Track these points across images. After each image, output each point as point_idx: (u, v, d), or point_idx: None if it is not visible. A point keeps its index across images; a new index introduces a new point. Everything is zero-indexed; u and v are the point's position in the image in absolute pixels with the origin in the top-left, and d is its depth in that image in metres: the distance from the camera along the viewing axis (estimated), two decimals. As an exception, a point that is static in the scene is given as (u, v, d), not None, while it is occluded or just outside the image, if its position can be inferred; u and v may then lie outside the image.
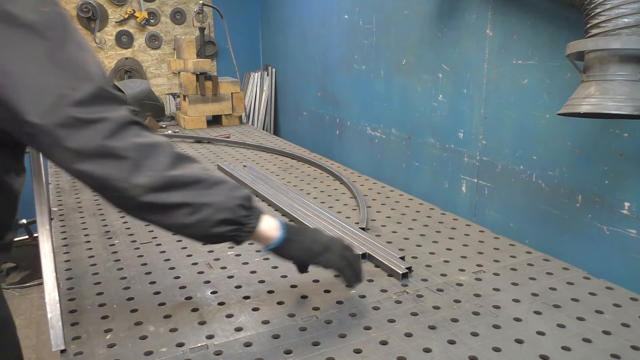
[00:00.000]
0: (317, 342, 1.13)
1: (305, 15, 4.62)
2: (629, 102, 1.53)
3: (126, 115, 0.92)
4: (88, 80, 0.89)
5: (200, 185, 0.99)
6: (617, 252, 2.00)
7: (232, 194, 1.04)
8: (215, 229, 1.02)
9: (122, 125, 0.90)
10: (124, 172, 0.90)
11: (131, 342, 1.14)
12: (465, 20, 2.67)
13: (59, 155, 0.89)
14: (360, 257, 1.41)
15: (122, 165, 0.90)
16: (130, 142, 0.91)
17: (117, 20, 5.22)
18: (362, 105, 3.82)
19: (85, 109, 0.87)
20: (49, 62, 0.87)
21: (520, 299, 1.32)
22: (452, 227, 1.84)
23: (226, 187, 1.04)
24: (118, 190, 0.91)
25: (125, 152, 0.90)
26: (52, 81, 0.86)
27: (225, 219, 1.02)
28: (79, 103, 0.86)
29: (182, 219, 0.98)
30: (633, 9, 1.55)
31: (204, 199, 0.99)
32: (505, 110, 2.49)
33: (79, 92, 0.87)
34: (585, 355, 1.08)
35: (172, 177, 0.95)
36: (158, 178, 0.93)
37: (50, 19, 0.88)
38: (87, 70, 0.90)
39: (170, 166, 0.95)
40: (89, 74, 0.90)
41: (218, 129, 3.98)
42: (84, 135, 0.87)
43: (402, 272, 1.43)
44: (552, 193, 2.27)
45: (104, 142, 0.88)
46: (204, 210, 0.99)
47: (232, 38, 4.80)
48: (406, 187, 3.12)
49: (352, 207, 2.07)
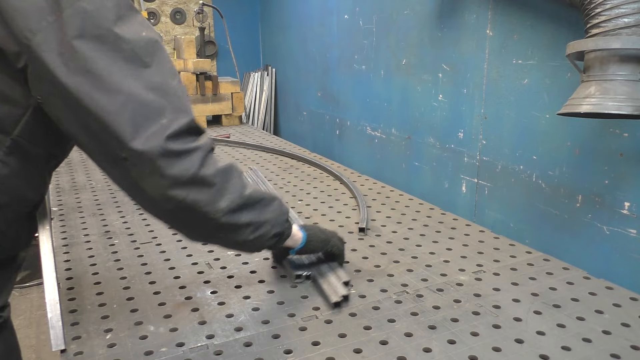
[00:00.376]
0: (317, 342, 1.13)
1: (305, 15, 4.62)
2: (629, 102, 1.54)
3: (210, 143, 0.99)
4: (184, 112, 0.93)
5: (261, 203, 1.10)
6: (617, 252, 2.00)
7: (281, 209, 1.18)
8: (269, 242, 1.18)
9: (208, 153, 0.97)
10: (211, 197, 0.98)
11: (131, 342, 1.14)
12: (465, 20, 2.67)
13: (153, 182, 0.92)
14: None
15: (210, 191, 0.98)
16: (215, 169, 0.98)
17: (117, 20, 5.22)
18: (362, 105, 3.82)
19: (182, 140, 0.92)
20: (150, 90, 0.89)
21: (520, 299, 1.32)
22: (452, 227, 1.84)
23: (277, 203, 1.17)
24: (203, 214, 0.99)
25: (213, 179, 0.97)
26: (154, 109, 0.89)
27: (278, 232, 1.18)
28: (178, 134, 0.91)
29: (246, 236, 1.09)
30: (633, 9, 1.55)
31: (265, 217, 1.12)
32: (505, 110, 2.49)
33: (178, 124, 0.91)
34: (585, 355, 1.08)
35: (245, 198, 1.05)
36: (235, 200, 1.03)
37: (150, 45, 0.91)
38: (182, 102, 0.94)
39: (242, 188, 1.05)
40: (185, 106, 0.94)
41: (218, 129, 3.98)
42: (183, 165, 0.92)
43: (335, 300, 1.28)
44: (552, 193, 2.27)
45: (198, 171, 0.94)
46: (264, 227, 1.12)
47: (232, 38, 4.80)
48: (406, 187, 3.12)
49: (352, 207, 2.07)
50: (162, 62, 0.92)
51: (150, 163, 0.89)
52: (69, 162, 2.89)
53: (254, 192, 1.08)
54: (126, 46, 0.87)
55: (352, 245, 1.68)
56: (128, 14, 0.89)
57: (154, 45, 0.91)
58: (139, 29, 0.90)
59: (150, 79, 0.89)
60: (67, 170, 2.69)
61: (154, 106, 0.89)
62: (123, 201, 2.14)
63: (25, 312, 3.45)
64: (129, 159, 0.89)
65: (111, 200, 2.16)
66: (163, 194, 0.94)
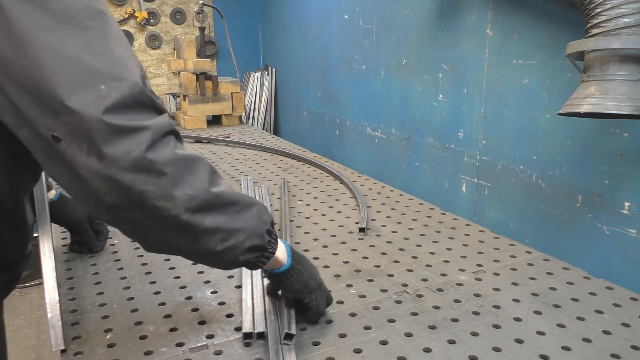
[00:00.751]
0: (317, 342, 1.13)
1: (305, 15, 4.62)
2: (629, 102, 1.54)
3: (166, 125, 0.81)
4: (129, 81, 0.78)
5: (235, 207, 0.91)
6: (617, 252, 2.00)
7: (262, 218, 0.97)
8: (243, 256, 0.95)
9: (163, 135, 0.80)
10: (163, 188, 0.80)
11: (131, 342, 1.14)
12: (465, 20, 2.67)
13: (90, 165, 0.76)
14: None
15: (161, 181, 0.80)
16: (170, 155, 0.81)
17: (117, 20, 5.21)
18: (362, 105, 3.82)
19: (125, 114, 0.76)
20: (88, 52, 0.76)
21: (520, 299, 1.32)
22: (452, 227, 1.84)
23: (257, 210, 0.96)
24: (155, 210, 0.81)
25: (164, 167, 0.80)
26: (90, 74, 0.75)
27: (255, 245, 0.96)
28: (119, 106, 0.75)
29: (213, 245, 0.89)
30: (633, 8, 1.55)
31: (238, 224, 0.91)
32: (505, 110, 2.49)
33: (120, 93, 0.76)
34: (585, 355, 1.08)
35: (211, 196, 0.86)
36: (197, 197, 0.84)
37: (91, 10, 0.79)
38: (129, 69, 0.79)
39: (209, 184, 0.87)
40: (131, 73, 0.79)
41: (218, 129, 3.98)
42: (124, 145, 0.75)
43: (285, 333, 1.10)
44: (552, 193, 2.27)
45: (144, 154, 0.77)
46: (236, 236, 0.91)
47: (232, 38, 4.80)
48: (406, 187, 3.12)
49: (352, 207, 2.07)
50: (105, 27, 0.80)
51: (86, 136, 0.73)
52: (69, 162, 2.89)
53: (226, 193, 0.90)
54: (56, 6, 0.75)
55: (352, 245, 1.68)
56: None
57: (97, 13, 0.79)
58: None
59: (88, 42, 0.76)
60: (67, 170, 2.69)
61: (91, 70, 0.75)
62: (123, 201, 2.13)
63: (25, 312, 3.45)
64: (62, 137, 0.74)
65: (111, 200, 2.15)
66: (103, 181, 0.77)
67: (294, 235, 1.76)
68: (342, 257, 1.58)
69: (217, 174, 0.91)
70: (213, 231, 0.88)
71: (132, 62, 0.80)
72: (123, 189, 0.77)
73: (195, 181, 0.84)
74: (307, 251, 1.63)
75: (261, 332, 1.13)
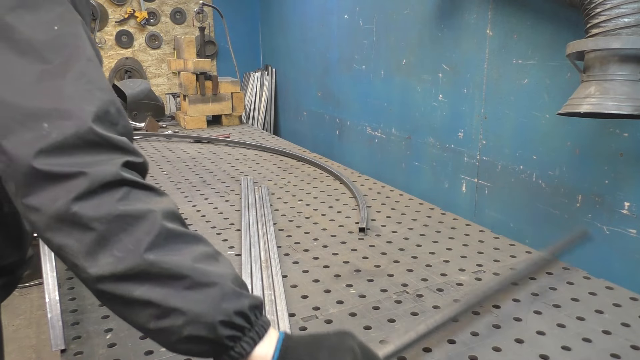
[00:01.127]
0: (317, 342, 1.13)
1: (305, 15, 4.63)
2: (629, 101, 1.54)
3: (114, 171, 0.69)
4: (77, 118, 0.69)
5: (179, 282, 0.73)
6: (617, 252, 2.00)
7: (218, 305, 0.74)
8: (182, 345, 0.75)
9: (103, 185, 0.68)
10: (85, 247, 0.68)
11: (131, 342, 1.14)
12: (465, 20, 2.67)
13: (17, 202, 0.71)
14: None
15: (85, 238, 0.68)
16: (106, 210, 0.69)
17: (117, 20, 5.22)
18: (362, 105, 3.82)
19: (60, 157, 0.67)
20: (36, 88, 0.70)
21: (520, 299, 1.32)
22: (452, 227, 1.84)
23: (215, 292, 0.74)
24: (72, 267, 0.70)
25: (91, 222, 0.68)
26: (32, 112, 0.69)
27: (197, 336, 0.74)
28: (58, 146, 0.67)
29: (144, 321, 0.73)
30: (633, 8, 1.55)
31: (176, 303, 0.72)
32: (505, 110, 2.49)
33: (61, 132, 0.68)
34: (585, 355, 1.08)
35: (144, 263, 0.70)
36: (127, 262, 0.69)
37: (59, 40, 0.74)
38: (79, 105, 0.70)
39: (148, 248, 0.71)
40: (80, 110, 0.70)
41: (218, 129, 3.98)
42: (50, 192, 0.67)
43: None
44: (552, 193, 2.27)
45: (69, 205, 0.67)
46: (172, 317, 0.72)
47: (232, 38, 4.80)
48: (406, 187, 3.12)
49: (352, 207, 2.07)
50: (70, 60, 0.73)
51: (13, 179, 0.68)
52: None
53: (177, 261, 0.72)
54: (20, 37, 0.71)
55: (352, 245, 1.68)
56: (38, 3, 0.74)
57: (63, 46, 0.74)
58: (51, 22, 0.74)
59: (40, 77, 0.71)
60: (67, 170, 2.69)
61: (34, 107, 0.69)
62: (123, 201, 2.14)
63: (25, 312, 3.45)
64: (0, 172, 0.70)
65: (111, 200, 2.16)
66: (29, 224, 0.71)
67: (293, 235, 1.76)
68: (342, 257, 1.58)
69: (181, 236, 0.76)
70: (144, 304, 0.71)
71: (88, 99, 0.72)
72: (44, 239, 0.70)
73: (130, 243, 0.70)
74: (307, 251, 1.63)
75: None
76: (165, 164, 2.81)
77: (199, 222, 1.89)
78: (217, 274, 0.76)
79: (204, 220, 1.91)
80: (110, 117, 0.74)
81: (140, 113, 4.13)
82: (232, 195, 2.23)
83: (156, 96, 4.38)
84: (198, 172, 2.63)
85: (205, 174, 2.59)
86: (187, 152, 3.13)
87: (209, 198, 2.19)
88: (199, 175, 2.58)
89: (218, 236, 1.76)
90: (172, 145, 3.37)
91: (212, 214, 1.98)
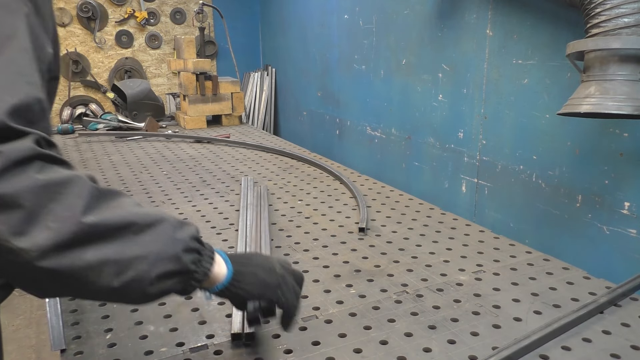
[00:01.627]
0: (317, 342, 1.13)
1: (305, 15, 4.63)
2: (629, 101, 1.54)
3: (27, 147, 0.66)
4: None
5: (128, 231, 0.73)
6: (617, 252, 2.00)
7: (174, 237, 0.78)
8: (154, 288, 0.76)
9: (19, 161, 0.65)
10: (15, 227, 0.64)
11: (131, 342, 1.14)
12: (465, 20, 2.67)
13: None
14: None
15: (13, 217, 0.64)
16: (27, 183, 0.65)
17: (117, 20, 5.22)
18: (362, 105, 3.82)
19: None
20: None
21: (520, 299, 1.32)
22: (452, 227, 1.84)
23: (164, 228, 0.77)
24: (7, 253, 0.64)
25: (19, 198, 0.64)
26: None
27: (167, 271, 0.77)
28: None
29: (106, 283, 0.71)
30: (633, 8, 1.55)
31: (135, 251, 0.73)
32: (505, 110, 2.49)
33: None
34: (585, 355, 1.08)
35: (87, 225, 0.68)
36: (65, 230, 0.66)
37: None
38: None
39: (85, 210, 0.69)
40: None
41: (218, 129, 3.98)
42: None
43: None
44: (552, 193, 2.27)
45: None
46: (135, 266, 0.72)
47: (232, 38, 4.80)
48: (406, 187, 3.12)
49: (352, 207, 2.07)
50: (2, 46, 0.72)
51: None
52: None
53: (117, 214, 0.72)
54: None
55: (352, 245, 1.68)
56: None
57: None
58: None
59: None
60: (67, 170, 2.69)
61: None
62: (123, 201, 2.14)
63: (25, 312, 3.45)
64: None
65: (111, 200, 2.16)
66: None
67: (293, 235, 1.76)
68: (342, 257, 1.58)
69: (108, 194, 0.74)
70: (99, 265, 0.70)
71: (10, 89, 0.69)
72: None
73: (65, 210, 0.67)
74: (307, 251, 1.63)
75: (251, 333, 1.12)
76: (165, 164, 2.81)
77: (199, 222, 1.89)
78: (155, 212, 0.79)
79: (204, 220, 1.91)
80: (30, 114, 0.70)
81: (140, 113, 4.13)
82: (232, 195, 2.23)
83: (156, 96, 4.38)
84: (198, 172, 2.63)
85: (205, 174, 2.59)
86: (187, 152, 3.13)
87: (209, 198, 2.19)
88: (199, 175, 2.58)
89: (218, 236, 1.76)
90: (172, 145, 3.37)
91: (212, 214, 1.98)
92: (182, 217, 1.93)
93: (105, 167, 2.76)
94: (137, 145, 3.40)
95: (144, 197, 2.20)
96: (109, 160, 2.92)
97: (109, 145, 3.37)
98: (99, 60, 5.24)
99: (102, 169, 2.72)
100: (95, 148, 3.29)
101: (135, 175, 2.59)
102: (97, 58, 5.22)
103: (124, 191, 0.84)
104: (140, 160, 2.92)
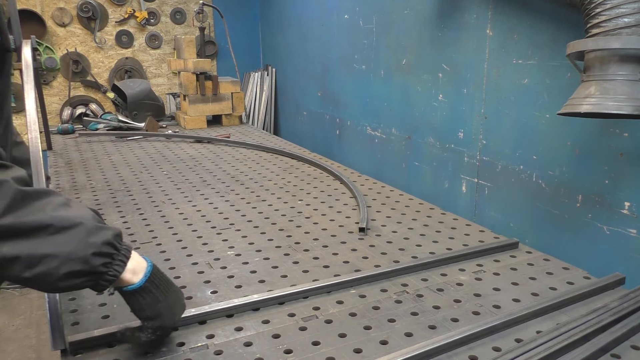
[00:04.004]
0: (317, 342, 1.13)
1: (305, 15, 4.62)
2: (629, 101, 1.54)
3: None
4: None
5: (42, 232, 0.84)
6: (617, 252, 2.00)
7: (86, 241, 0.89)
8: (63, 283, 0.87)
9: None
10: None
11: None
12: (465, 20, 2.67)
13: None
14: None
15: None
16: None
17: (117, 20, 5.22)
18: (362, 105, 3.82)
19: None
20: None
21: (520, 299, 1.32)
22: (452, 227, 1.84)
23: (79, 231, 0.88)
24: None
25: None
26: None
27: (75, 271, 0.88)
28: None
29: (17, 273, 0.83)
30: (633, 8, 1.55)
31: (44, 250, 0.84)
32: (505, 110, 2.49)
33: None
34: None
35: (4, 225, 0.80)
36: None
37: None
38: None
39: (4, 212, 0.80)
40: None
41: (218, 129, 3.98)
42: None
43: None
44: (552, 193, 2.27)
45: None
46: (45, 262, 0.84)
47: (232, 38, 4.80)
48: (406, 187, 3.12)
49: (352, 207, 2.07)
50: None
51: None
52: (69, 162, 2.89)
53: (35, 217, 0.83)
54: None
55: (352, 245, 1.68)
56: None
57: None
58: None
59: None
60: (67, 171, 2.70)
61: None
62: (123, 201, 2.14)
63: (25, 312, 3.45)
64: None
65: (111, 200, 2.16)
66: None
67: (293, 235, 1.76)
68: (342, 257, 1.58)
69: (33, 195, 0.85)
70: (12, 259, 0.82)
71: None
72: None
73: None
74: (307, 251, 1.63)
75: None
76: (165, 164, 2.81)
77: (199, 222, 1.89)
78: (77, 216, 0.89)
79: (204, 220, 1.91)
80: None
81: (140, 113, 4.13)
82: (232, 195, 2.23)
83: (156, 96, 4.38)
84: (198, 172, 2.63)
85: (205, 174, 2.59)
86: (187, 152, 3.13)
87: (209, 198, 2.19)
88: (199, 175, 2.58)
89: (218, 236, 1.76)
90: (172, 145, 3.37)
91: (212, 214, 1.98)
92: (182, 217, 1.93)
93: (105, 167, 2.77)
94: (137, 145, 3.40)
95: (145, 197, 2.20)
96: (109, 160, 2.92)
97: (109, 145, 3.37)
98: (99, 60, 5.24)
99: (102, 169, 2.72)
100: (95, 148, 3.29)
101: (135, 175, 2.59)
102: (97, 58, 5.22)
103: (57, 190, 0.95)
104: (140, 160, 2.92)
